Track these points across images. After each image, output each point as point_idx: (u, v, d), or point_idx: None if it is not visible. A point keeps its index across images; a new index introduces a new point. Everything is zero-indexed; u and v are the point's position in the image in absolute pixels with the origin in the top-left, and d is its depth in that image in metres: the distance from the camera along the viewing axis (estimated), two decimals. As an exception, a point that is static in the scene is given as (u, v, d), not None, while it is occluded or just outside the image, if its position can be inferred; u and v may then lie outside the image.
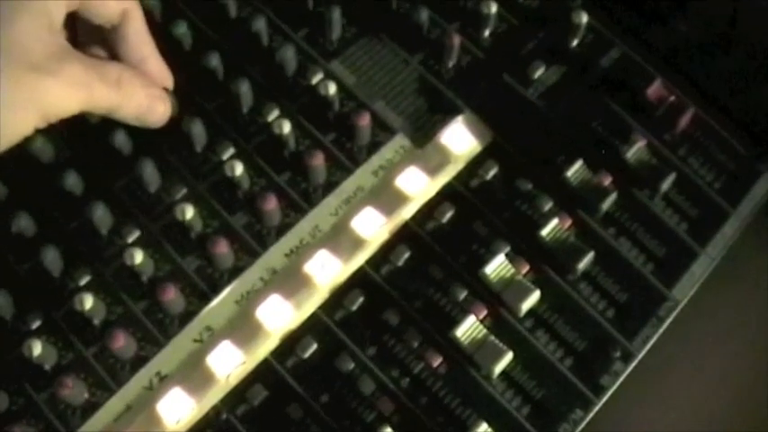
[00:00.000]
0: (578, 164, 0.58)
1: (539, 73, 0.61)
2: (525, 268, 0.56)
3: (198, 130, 0.58)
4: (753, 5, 0.63)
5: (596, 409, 0.54)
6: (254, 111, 0.59)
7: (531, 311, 0.55)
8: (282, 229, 0.56)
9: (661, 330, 0.56)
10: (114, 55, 0.56)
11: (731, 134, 0.61)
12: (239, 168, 0.56)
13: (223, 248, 0.54)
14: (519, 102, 0.61)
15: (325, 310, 0.55)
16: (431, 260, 0.56)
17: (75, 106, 0.51)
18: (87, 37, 0.57)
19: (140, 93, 0.55)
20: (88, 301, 0.53)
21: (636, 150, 0.59)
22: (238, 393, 0.53)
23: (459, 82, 0.61)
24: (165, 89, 0.57)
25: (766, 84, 0.63)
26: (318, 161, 0.56)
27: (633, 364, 0.55)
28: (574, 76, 0.62)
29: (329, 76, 0.60)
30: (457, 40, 0.60)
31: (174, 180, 0.57)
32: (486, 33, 0.63)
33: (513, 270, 0.55)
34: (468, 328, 0.54)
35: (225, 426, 0.52)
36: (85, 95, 0.51)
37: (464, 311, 0.54)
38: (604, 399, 0.54)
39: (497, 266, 0.55)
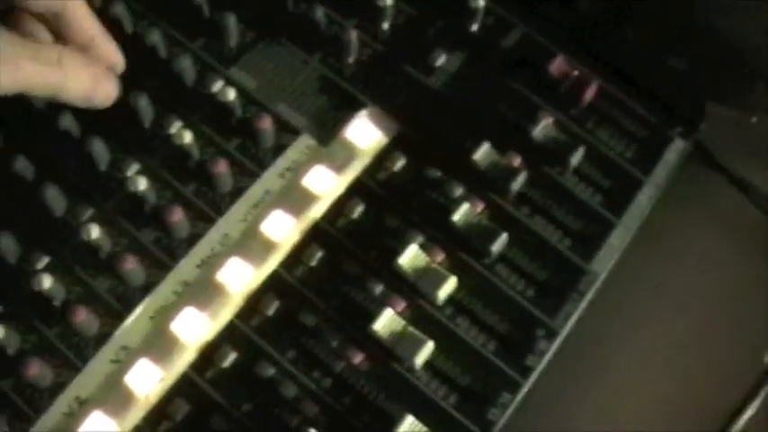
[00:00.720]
0: (485, 147, 0.58)
1: (440, 61, 0.61)
2: (440, 256, 0.56)
3: (100, 148, 0.57)
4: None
5: (524, 390, 0.54)
6: (156, 124, 0.58)
7: (449, 299, 0.55)
8: (192, 241, 0.55)
9: (583, 305, 0.56)
10: (62, 42, 0.55)
11: (639, 103, 0.61)
12: (143, 183, 0.55)
13: (131, 265, 0.54)
14: (422, 91, 0.60)
15: (241, 318, 0.54)
16: (344, 257, 0.56)
17: (4, 84, 0.51)
18: (33, 26, 0.55)
19: (84, 73, 0.53)
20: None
21: (543, 128, 0.59)
22: (160, 410, 0.52)
23: (361, 77, 0.61)
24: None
25: (670, 51, 0.63)
26: (222, 168, 0.55)
27: (558, 342, 0.55)
28: (476, 61, 0.62)
29: (229, 82, 0.59)
30: (354, 35, 0.60)
31: (80, 200, 0.56)
32: (385, 26, 0.62)
33: (427, 259, 0.55)
34: (387, 322, 0.53)
35: (149, 445, 0.53)
36: (12, 73, 0.50)
37: (381, 305, 0.54)
38: (532, 379, 0.54)
39: (411, 256, 0.55)
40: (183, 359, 0.53)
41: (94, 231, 0.54)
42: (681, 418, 0.58)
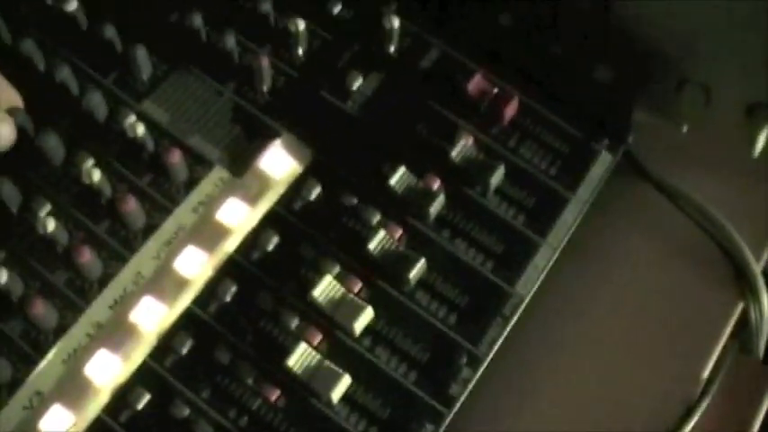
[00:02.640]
0: (402, 170, 0.56)
1: (357, 84, 0.60)
2: (357, 286, 0.54)
3: (8, 189, 0.55)
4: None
5: (448, 420, 0.52)
6: (67, 162, 0.57)
7: (367, 329, 0.53)
8: (104, 281, 0.54)
9: (508, 329, 0.55)
10: None
11: (562, 118, 0.60)
12: (52, 225, 0.54)
13: (42, 309, 0.53)
14: (338, 116, 0.59)
15: (154, 358, 0.53)
16: (259, 291, 0.54)
17: None
18: None
19: None
20: None
21: (461, 148, 0.58)
22: (74, 457, 0.52)
23: (276, 105, 0.59)
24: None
25: (594, 62, 0.62)
26: (131, 206, 0.54)
27: (481, 369, 0.54)
28: (393, 82, 0.60)
29: (140, 116, 0.58)
30: (266, 62, 0.59)
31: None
32: (300, 52, 0.61)
33: (343, 290, 0.53)
34: (301, 356, 0.52)
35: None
36: None
37: (297, 339, 0.52)
38: (455, 409, 0.52)
39: (326, 288, 0.53)
40: (97, 402, 0.51)
41: (3, 276, 0.54)
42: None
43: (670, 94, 0.62)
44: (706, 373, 0.58)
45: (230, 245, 0.55)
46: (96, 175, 0.55)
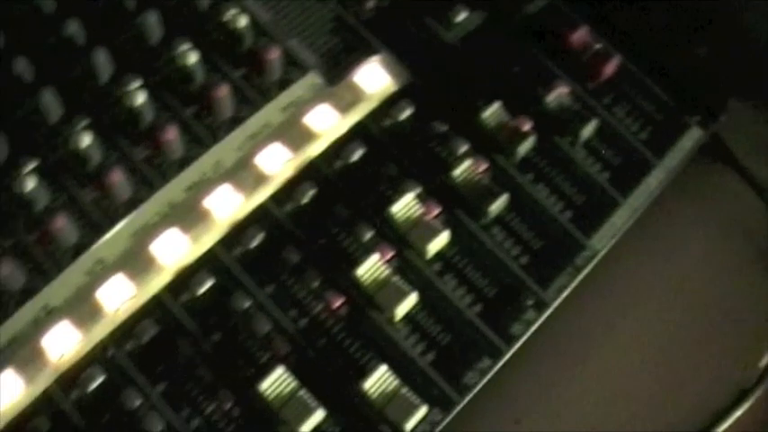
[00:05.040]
0: (496, 106, 0.56)
1: (461, 17, 0.59)
2: (435, 210, 0.54)
3: (103, 60, 0.54)
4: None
5: (506, 358, 0.52)
6: (164, 43, 0.56)
7: (439, 254, 0.53)
8: (184, 163, 0.53)
9: (578, 280, 0.55)
10: None
11: (659, 86, 0.59)
12: (141, 98, 0.54)
13: (118, 178, 0.52)
14: (438, 44, 0.59)
15: (223, 246, 0.52)
16: (337, 199, 0.54)
17: None
18: None
19: None
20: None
21: (557, 96, 0.57)
22: (127, 329, 0.50)
23: (379, 22, 0.59)
24: None
25: (695, 37, 0.61)
26: (223, 93, 0.54)
27: (546, 314, 0.53)
28: (497, 22, 0.60)
29: (243, 11, 0.57)
30: (377, -21, 0.59)
31: (75, 110, 0.54)
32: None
33: (421, 211, 0.53)
34: (371, 268, 0.51)
35: (111, 362, 0.49)
36: None
37: (368, 251, 0.52)
38: (514, 348, 0.52)
39: (405, 206, 0.53)
40: (159, 280, 0.51)
41: (86, 139, 0.53)
42: (663, 412, 0.56)
43: (764, 82, 0.62)
44: (764, 362, 0.58)
45: (315, 149, 0.55)
46: (192, 58, 0.55)
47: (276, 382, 0.48)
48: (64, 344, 0.50)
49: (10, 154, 0.54)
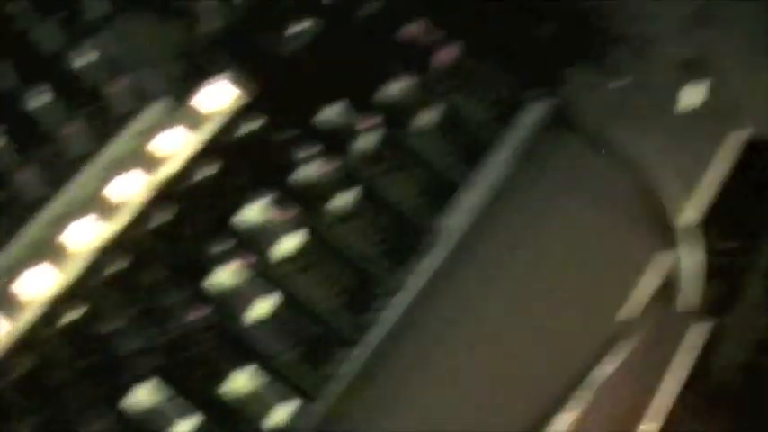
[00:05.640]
0: (337, 107, 0.58)
1: (301, 27, 0.61)
2: (285, 213, 0.56)
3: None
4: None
5: (361, 346, 0.54)
6: (17, 89, 0.57)
7: (294, 254, 0.55)
8: (39, 204, 0.54)
9: (432, 262, 0.57)
10: None
11: (496, 66, 0.62)
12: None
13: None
14: (283, 55, 0.61)
15: (87, 275, 0.53)
16: (194, 214, 0.56)
17: None
18: None
19: None
20: None
21: (397, 88, 0.60)
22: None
23: (224, 42, 0.61)
24: None
25: (527, 20, 0.64)
26: (70, 132, 0.56)
27: (402, 299, 0.55)
28: (336, 28, 0.62)
29: (90, 49, 0.59)
30: (213, 3, 0.61)
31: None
32: (246, -6, 0.65)
33: (274, 214, 0.55)
34: (228, 276, 0.53)
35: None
36: None
37: (226, 260, 0.54)
38: (370, 335, 0.54)
39: (255, 212, 0.55)
40: (29, 314, 0.52)
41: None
42: (533, 369, 0.58)
43: (606, 50, 0.65)
44: (628, 317, 0.60)
45: (169, 170, 0.56)
46: (40, 102, 0.57)
47: (148, 393, 0.50)
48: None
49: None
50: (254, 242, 0.55)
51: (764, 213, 0.82)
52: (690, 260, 0.63)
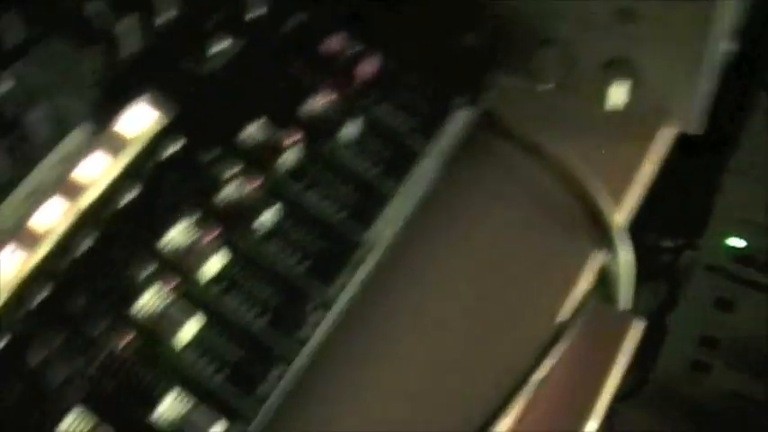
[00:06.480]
0: (258, 124, 0.58)
1: (218, 47, 0.61)
2: (213, 233, 0.55)
3: None
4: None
5: (298, 364, 0.54)
6: None
7: (219, 275, 0.54)
8: None
9: (361, 276, 0.56)
10: None
11: (420, 74, 0.62)
12: None
13: None
14: (199, 76, 0.60)
15: (8, 308, 0.53)
16: (115, 240, 0.55)
17: None
18: None
19: None
20: None
21: (316, 104, 0.60)
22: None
23: (143, 65, 0.60)
24: None
25: (449, 28, 0.64)
26: (-11, 161, 0.57)
27: (333, 314, 0.55)
28: (254, 45, 0.62)
29: (7, 78, 0.60)
30: (130, 23, 0.61)
31: None
32: (164, 16, 0.64)
33: (195, 236, 0.55)
34: (150, 300, 0.53)
35: None
36: None
37: (149, 285, 0.53)
38: (304, 353, 0.53)
39: (178, 234, 0.55)
40: None
41: None
42: (471, 376, 0.58)
43: (531, 53, 0.65)
44: (562, 319, 0.60)
45: (90, 196, 0.56)
46: (-44, 133, 0.58)
47: (74, 423, 0.50)
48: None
49: None
50: (179, 264, 0.55)
51: (701, 210, 0.84)
52: (623, 259, 0.63)
